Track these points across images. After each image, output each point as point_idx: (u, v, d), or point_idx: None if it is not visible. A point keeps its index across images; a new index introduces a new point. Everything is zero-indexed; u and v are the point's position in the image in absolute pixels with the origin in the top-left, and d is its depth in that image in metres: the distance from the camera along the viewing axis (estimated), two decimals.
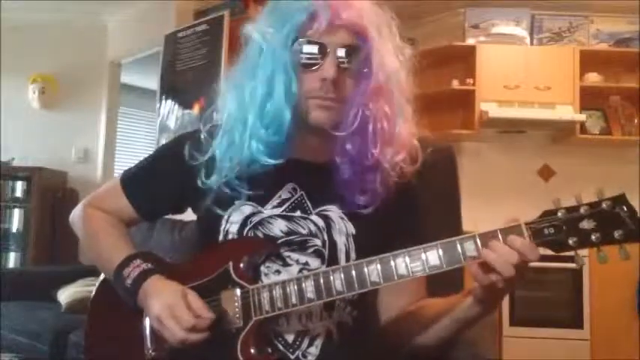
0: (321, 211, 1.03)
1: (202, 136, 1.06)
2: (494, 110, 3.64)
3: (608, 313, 3.26)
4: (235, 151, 1.00)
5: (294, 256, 1.02)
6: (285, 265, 1.01)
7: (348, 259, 1.01)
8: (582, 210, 0.82)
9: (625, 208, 0.81)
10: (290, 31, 0.94)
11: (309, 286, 0.92)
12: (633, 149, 3.74)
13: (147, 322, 1.02)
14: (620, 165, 3.82)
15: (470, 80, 3.78)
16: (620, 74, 3.84)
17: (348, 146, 0.97)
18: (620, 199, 0.81)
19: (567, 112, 3.65)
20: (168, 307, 0.94)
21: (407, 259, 0.88)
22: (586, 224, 0.82)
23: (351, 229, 1.02)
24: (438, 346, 1.02)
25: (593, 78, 3.78)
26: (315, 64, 0.95)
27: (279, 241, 1.02)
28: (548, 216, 0.84)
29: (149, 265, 1.03)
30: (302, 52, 0.95)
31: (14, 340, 2.55)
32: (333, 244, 1.02)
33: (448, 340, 1.01)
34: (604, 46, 3.91)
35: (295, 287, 0.93)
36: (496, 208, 3.83)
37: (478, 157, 4.02)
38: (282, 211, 1.02)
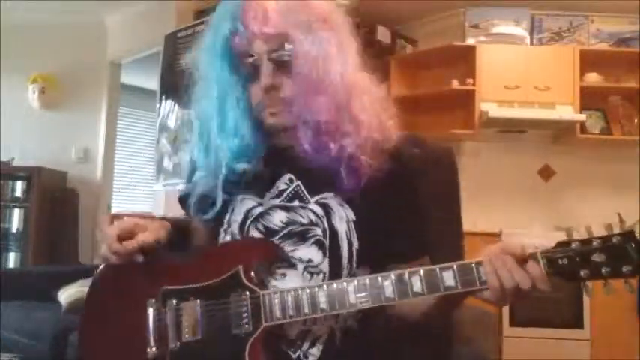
0: (320, 199, 1.03)
1: None
2: (494, 110, 3.64)
3: (608, 313, 3.26)
4: (208, 159, 1.05)
5: (297, 253, 1.02)
6: (290, 266, 1.02)
7: (350, 246, 1.01)
8: (594, 243, 0.85)
9: (633, 245, 0.84)
10: (223, 51, 0.99)
11: (322, 297, 0.92)
12: (633, 149, 3.74)
13: (150, 320, 1.01)
14: (620, 165, 3.82)
15: (470, 80, 3.78)
16: (620, 74, 3.84)
17: (306, 145, 0.98)
18: (629, 235, 0.84)
19: (567, 112, 3.65)
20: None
21: (422, 274, 0.89)
22: (597, 257, 0.85)
23: (352, 216, 1.02)
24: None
25: (593, 78, 3.78)
26: (253, 76, 0.99)
27: (281, 233, 1.02)
28: (563, 246, 0.87)
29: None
30: (239, 68, 1.00)
31: (14, 340, 2.55)
32: (333, 232, 1.02)
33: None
34: (604, 46, 3.91)
35: (308, 296, 0.93)
36: (496, 208, 3.83)
37: (478, 157, 4.02)
38: (281, 201, 1.04)
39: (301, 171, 1.03)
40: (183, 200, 1.18)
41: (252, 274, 0.98)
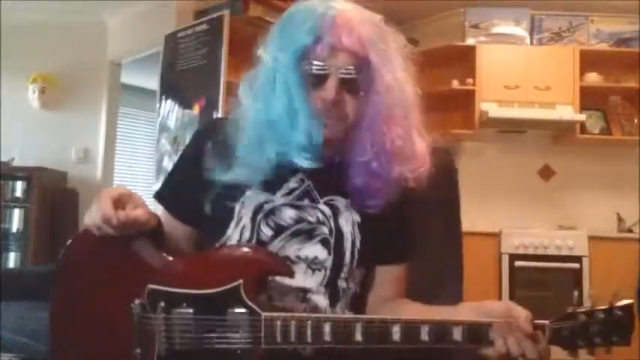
0: (328, 200, 1.06)
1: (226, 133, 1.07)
2: (494, 110, 3.64)
3: None
4: (262, 155, 1.02)
5: (303, 252, 1.03)
6: (292, 263, 1.03)
7: (353, 247, 1.05)
8: (597, 316, 0.88)
9: (628, 319, 0.87)
10: (296, 54, 0.98)
11: (327, 329, 0.91)
12: (633, 149, 3.75)
13: (135, 320, 0.97)
14: (620, 165, 3.82)
15: (470, 80, 3.79)
16: (620, 74, 3.84)
17: (374, 165, 1.02)
18: (629, 308, 0.87)
19: (567, 112, 3.66)
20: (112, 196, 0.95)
21: (432, 326, 0.90)
22: (595, 328, 0.88)
23: (357, 218, 1.06)
24: None
25: (593, 78, 3.78)
26: (318, 85, 0.99)
27: (290, 230, 1.04)
28: (570, 319, 0.90)
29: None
30: (307, 74, 0.99)
31: (14, 340, 2.55)
32: (339, 232, 1.05)
33: None
34: (604, 46, 3.91)
35: (313, 326, 0.91)
36: (496, 208, 3.83)
37: (478, 157, 4.02)
38: (292, 199, 1.06)
39: (313, 172, 1.04)
40: (164, 193, 1.16)
41: (254, 290, 0.94)
